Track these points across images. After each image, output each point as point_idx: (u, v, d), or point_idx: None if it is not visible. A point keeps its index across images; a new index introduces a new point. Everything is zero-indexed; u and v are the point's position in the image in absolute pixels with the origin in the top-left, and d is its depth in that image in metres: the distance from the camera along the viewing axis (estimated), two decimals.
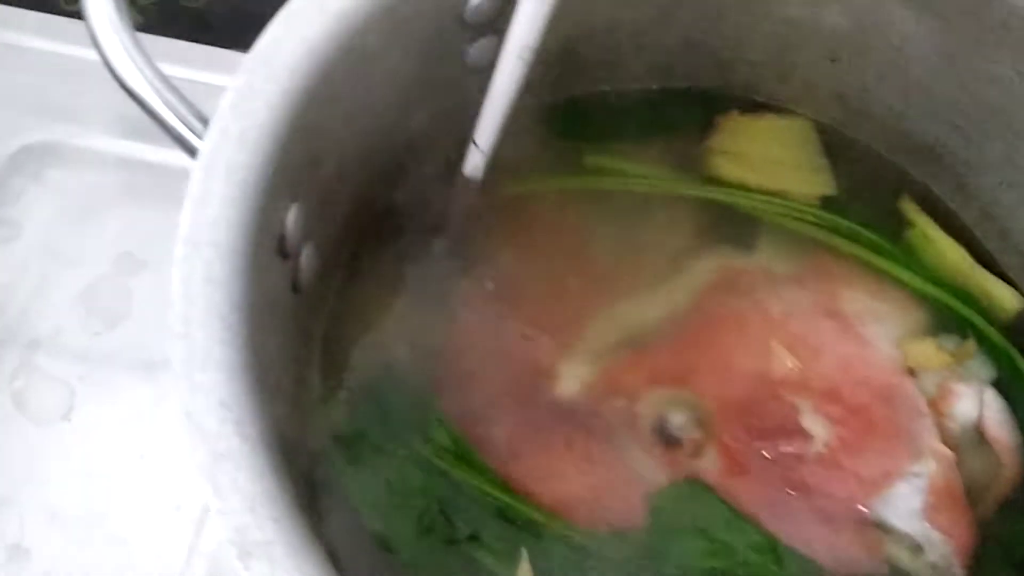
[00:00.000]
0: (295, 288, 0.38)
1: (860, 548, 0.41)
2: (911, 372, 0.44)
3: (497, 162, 0.43)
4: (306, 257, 0.38)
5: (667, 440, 0.42)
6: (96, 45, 0.33)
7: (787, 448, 0.42)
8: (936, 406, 0.43)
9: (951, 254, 0.47)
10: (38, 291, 0.53)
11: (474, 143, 0.40)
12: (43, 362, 0.51)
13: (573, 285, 0.45)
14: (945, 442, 0.42)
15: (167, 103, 0.34)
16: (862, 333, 0.45)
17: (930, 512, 0.41)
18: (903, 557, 0.41)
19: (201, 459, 0.29)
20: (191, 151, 0.34)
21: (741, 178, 0.47)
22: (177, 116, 0.34)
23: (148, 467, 0.49)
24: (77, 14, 0.61)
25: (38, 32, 0.59)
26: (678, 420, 0.42)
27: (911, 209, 0.48)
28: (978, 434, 0.43)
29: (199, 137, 0.34)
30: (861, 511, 0.41)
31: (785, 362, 0.44)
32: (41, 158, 0.56)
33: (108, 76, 0.57)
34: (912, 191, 0.48)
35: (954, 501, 0.42)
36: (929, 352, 0.44)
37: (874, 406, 0.43)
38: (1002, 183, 0.46)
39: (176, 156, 0.55)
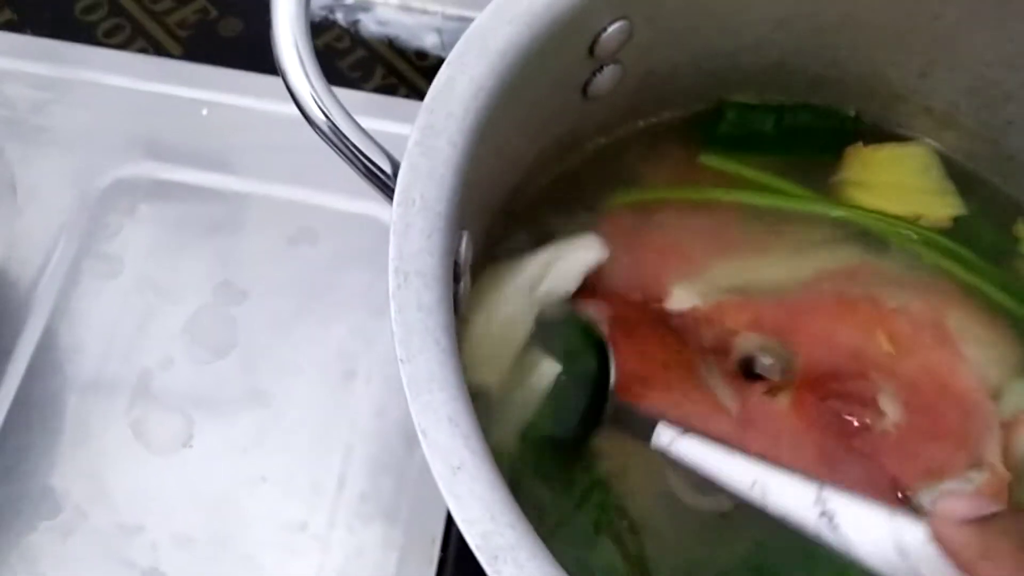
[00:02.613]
0: (456, 310, 0.40)
1: None
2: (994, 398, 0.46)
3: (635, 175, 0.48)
4: (464, 280, 0.41)
5: (749, 375, 0.46)
6: (293, 96, 0.35)
7: (858, 413, 0.45)
8: (1007, 428, 0.45)
9: None
10: (144, 324, 0.54)
11: None
12: (158, 393, 0.53)
13: (707, 240, 0.49)
14: (1005, 463, 0.44)
15: (360, 144, 0.36)
16: (960, 349, 0.47)
17: None
18: None
19: (440, 472, 0.31)
20: (381, 187, 0.36)
21: (878, 207, 0.51)
22: (369, 156, 0.36)
23: (271, 489, 0.51)
24: (144, 50, 0.63)
25: (120, 71, 0.61)
26: (766, 361, 0.46)
27: None
28: None
29: (385, 172, 0.36)
30: (905, 492, 0.43)
31: (882, 346, 0.46)
32: (133, 193, 0.58)
33: (184, 111, 0.60)
34: None
35: None
36: None
37: (950, 409, 0.46)
38: None
39: (255, 185, 0.59)
